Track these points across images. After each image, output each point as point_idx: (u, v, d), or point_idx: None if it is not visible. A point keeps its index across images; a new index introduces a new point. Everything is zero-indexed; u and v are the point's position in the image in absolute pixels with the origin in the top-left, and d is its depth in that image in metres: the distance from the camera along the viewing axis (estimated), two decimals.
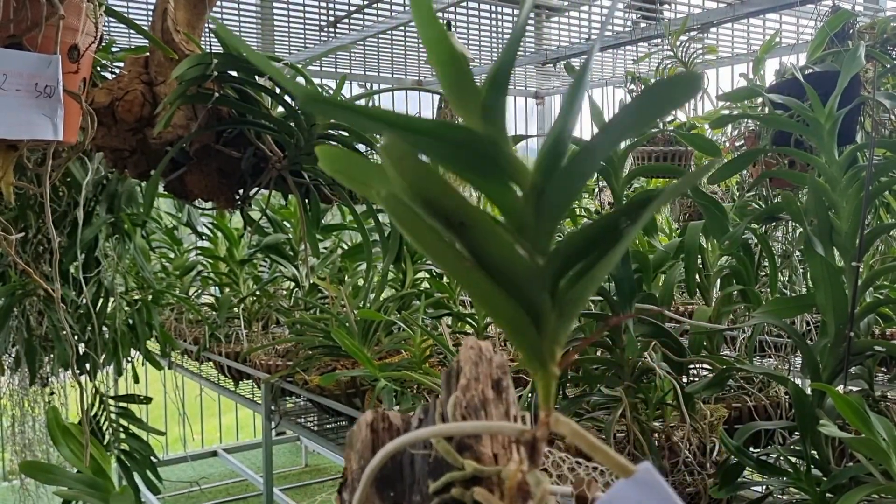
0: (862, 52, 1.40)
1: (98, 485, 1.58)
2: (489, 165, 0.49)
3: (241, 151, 1.45)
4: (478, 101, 0.49)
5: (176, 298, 2.98)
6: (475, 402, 0.59)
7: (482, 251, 0.48)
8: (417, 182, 0.46)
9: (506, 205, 0.50)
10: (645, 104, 0.45)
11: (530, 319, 0.50)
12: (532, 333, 0.50)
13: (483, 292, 0.49)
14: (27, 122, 0.92)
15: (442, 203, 0.47)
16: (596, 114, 1.44)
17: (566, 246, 0.50)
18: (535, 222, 0.49)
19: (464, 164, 0.50)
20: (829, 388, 1.03)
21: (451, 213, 0.47)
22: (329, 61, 4.89)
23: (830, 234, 1.29)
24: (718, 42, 4.06)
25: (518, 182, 0.49)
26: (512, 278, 0.49)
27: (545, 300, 0.49)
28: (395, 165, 0.45)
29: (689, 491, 1.30)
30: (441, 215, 0.47)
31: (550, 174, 0.48)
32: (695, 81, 0.43)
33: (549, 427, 0.50)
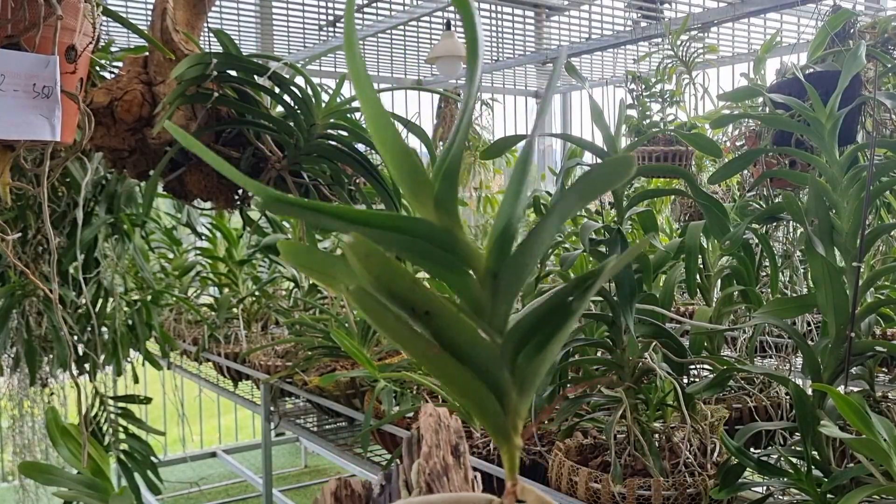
0: (863, 51, 1.39)
1: (97, 485, 1.57)
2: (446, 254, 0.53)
3: (240, 151, 1.45)
4: (431, 194, 0.52)
5: (175, 299, 2.98)
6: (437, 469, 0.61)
7: (446, 336, 0.52)
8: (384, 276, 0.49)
9: (463, 289, 0.54)
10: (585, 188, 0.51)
11: (494, 397, 0.53)
12: (497, 410, 0.53)
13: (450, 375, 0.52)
14: (25, 122, 0.91)
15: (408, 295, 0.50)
16: (596, 114, 1.44)
17: (521, 325, 0.54)
18: (491, 304, 0.53)
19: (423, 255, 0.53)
20: (830, 388, 1.03)
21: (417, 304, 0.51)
22: (328, 61, 4.89)
23: (831, 235, 1.29)
24: (719, 41, 4.06)
25: (473, 268, 0.53)
26: (475, 359, 0.53)
27: (506, 378, 0.53)
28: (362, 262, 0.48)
29: (690, 492, 1.29)
30: (407, 306, 0.51)
31: (502, 259, 0.52)
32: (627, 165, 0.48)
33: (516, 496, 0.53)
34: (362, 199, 1.54)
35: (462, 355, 0.53)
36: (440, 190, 0.52)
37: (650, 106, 2.52)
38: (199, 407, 5.09)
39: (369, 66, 5.01)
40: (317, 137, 1.42)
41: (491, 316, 0.54)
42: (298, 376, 2.29)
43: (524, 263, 0.53)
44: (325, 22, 3.94)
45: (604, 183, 0.50)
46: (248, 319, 3.03)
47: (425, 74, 5.28)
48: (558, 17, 4.19)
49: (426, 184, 0.52)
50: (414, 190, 0.53)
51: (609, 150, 1.42)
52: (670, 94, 2.53)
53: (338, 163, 1.48)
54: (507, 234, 0.53)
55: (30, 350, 1.99)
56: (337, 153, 1.45)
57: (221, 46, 1.38)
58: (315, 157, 1.46)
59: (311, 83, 1.41)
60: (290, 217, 0.46)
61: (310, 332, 2.48)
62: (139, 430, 2.13)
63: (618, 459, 1.36)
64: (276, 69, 1.36)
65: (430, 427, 0.64)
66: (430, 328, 0.52)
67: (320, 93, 1.41)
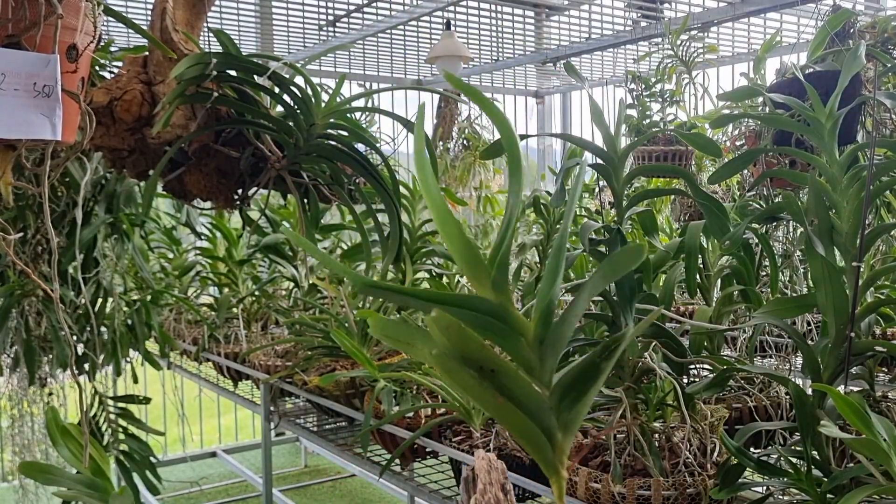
0: (863, 51, 1.39)
1: (97, 485, 1.57)
2: (503, 325, 0.69)
3: (240, 151, 1.45)
4: (489, 278, 0.69)
5: (175, 299, 2.98)
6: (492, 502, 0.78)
7: (507, 389, 0.68)
8: (459, 342, 0.65)
9: (516, 352, 0.70)
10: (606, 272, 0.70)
11: (545, 437, 0.70)
12: (547, 448, 0.70)
13: (510, 419, 0.68)
14: (25, 121, 0.91)
15: (478, 357, 0.66)
16: (596, 114, 1.44)
17: (563, 381, 0.70)
18: (539, 364, 0.70)
19: (484, 326, 0.68)
20: (830, 388, 1.03)
21: (485, 363, 0.66)
22: (328, 60, 4.89)
23: (831, 234, 1.29)
24: (719, 41, 4.06)
25: (524, 335, 0.69)
26: (529, 407, 0.69)
27: (553, 422, 0.70)
28: (443, 332, 0.64)
29: (690, 492, 1.29)
30: (476, 366, 0.66)
31: (546, 329, 0.69)
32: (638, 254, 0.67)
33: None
34: (362, 199, 1.54)
35: (520, 404, 0.68)
36: (495, 276, 0.69)
37: (650, 106, 2.52)
38: (199, 407, 5.09)
39: (369, 65, 5.01)
40: (316, 137, 1.42)
41: (539, 373, 0.70)
42: (298, 376, 2.29)
43: (563, 332, 0.70)
44: (325, 22, 3.93)
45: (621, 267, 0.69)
46: (248, 319, 3.03)
47: (425, 74, 5.28)
48: (558, 17, 4.19)
49: (485, 270, 0.68)
50: (476, 275, 0.69)
51: (609, 149, 1.42)
52: (670, 94, 2.53)
53: (337, 163, 1.48)
54: (549, 310, 0.69)
55: (29, 350, 1.98)
56: (337, 153, 1.45)
57: (221, 46, 1.38)
58: (315, 156, 1.46)
59: (310, 83, 1.41)
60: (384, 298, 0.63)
61: (310, 332, 2.48)
62: (138, 431, 2.12)
63: (618, 459, 1.36)
64: (275, 69, 1.36)
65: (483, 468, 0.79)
66: (494, 383, 0.67)
67: (320, 93, 1.41)
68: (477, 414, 1.75)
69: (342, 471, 4.69)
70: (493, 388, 0.66)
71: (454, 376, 0.66)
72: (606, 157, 1.42)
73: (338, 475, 4.67)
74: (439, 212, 0.68)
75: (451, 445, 1.72)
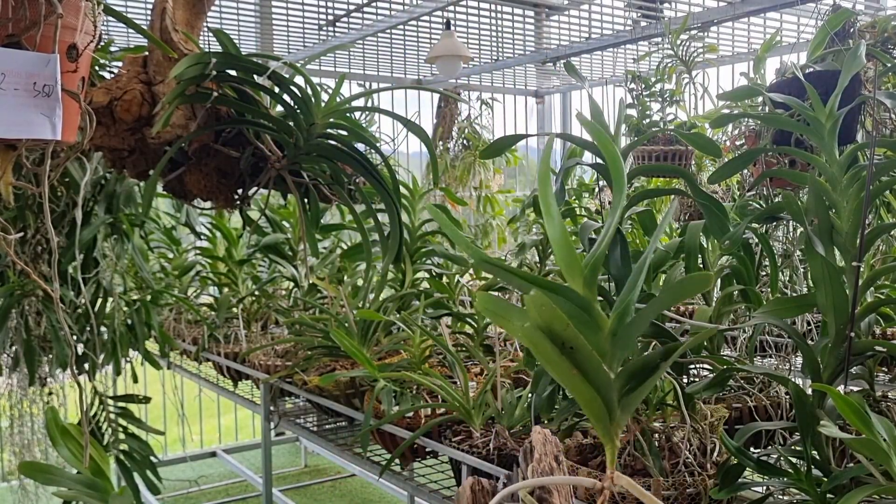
0: (862, 50, 1.39)
1: (97, 485, 1.57)
2: (587, 316, 0.85)
3: (240, 151, 1.45)
4: (581, 276, 0.86)
5: (175, 298, 2.98)
6: (547, 469, 0.90)
7: (581, 364, 0.82)
8: (549, 320, 0.78)
9: (594, 340, 0.84)
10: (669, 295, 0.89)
11: (606, 410, 0.84)
12: (606, 419, 0.85)
13: (580, 390, 0.82)
14: (26, 121, 0.91)
15: (561, 334, 0.79)
16: (596, 114, 1.44)
17: (627, 368, 0.85)
18: (611, 352, 0.85)
19: (570, 313, 0.83)
20: (830, 388, 1.03)
21: (566, 340, 0.80)
22: (328, 60, 4.89)
23: (831, 234, 1.29)
24: (719, 41, 4.06)
25: (602, 327, 0.85)
26: (597, 382, 0.83)
27: (615, 399, 0.84)
28: (537, 309, 0.78)
29: (690, 492, 1.29)
30: (559, 341, 0.80)
31: (620, 325, 0.85)
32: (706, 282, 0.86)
33: (613, 481, 0.83)
34: (362, 199, 1.54)
35: (590, 379, 0.82)
36: (587, 274, 0.86)
37: (650, 105, 2.52)
38: (199, 407, 5.09)
39: (369, 65, 5.01)
40: (316, 137, 1.42)
41: (609, 360, 0.85)
42: (298, 376, 2.29)
43: (633, 331, 0.85)
44: (325, 22, 3.93)
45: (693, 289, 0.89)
46: (247, 319, 3.03)
47: (425, 74, 5.28)
48: (558, 16, 4.19)
49: (579, 269, 0.86)
50: (571, 272, 0.86)
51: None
52: (670, 94, 2.53)
53: (337, 162, 1.48)
54: (626, 311, 0.85)
55: (29, 350, 1.98)
56: (337, 153, 1.45)
57: (221, 46, 1.38)
58: (315, 156, 1.46)
59: (310, 83, 1.41)
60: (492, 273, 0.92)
61: (309, 331, 2.48)
62: (138, 430, 2.12)
63: (617, 459, 1.36)
64: (275, 69, 1.36)
65: (539, 441, 0.91)
66: (571, 357, 0.81)
67: (320, 92, 1.41)
68: (477, 414, 1.75)
69: (342, 471, 4.69)
70: (570, 361, 0.80)
71: (539, 348, 0.79)
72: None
73: (338, 475, 4.67)
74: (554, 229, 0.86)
75: (451, 445, 1.72)
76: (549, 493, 0.87)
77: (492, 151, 1.52)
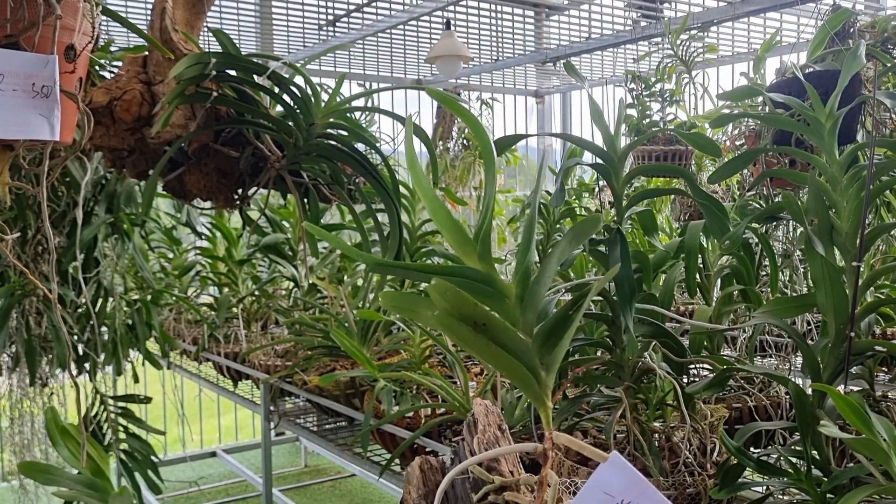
0: (862, 50, 1.39)
1: (97, 485, 1.57)
2: (490, 289, 0.86)
3: (239, 151, 1.44)
4: (475, 250, 0.87)
5: (175, 298, 2.98)
6: (491, 440, 0.92)
7: (497, 338, 0.84)
8: (456, 304, 0.81)
9: (502, 310, 0.87)
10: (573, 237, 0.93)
11: (531, 375, 0.85)
12: (533, 384, 0.86)
13: (503, 362, 0.84)
14: (24, 122, 0.91)
15: (471, 314, 0.82)
16: (596, 113, 1.44)
17: (542, 329, 0.87)
18: (521, 317, 0.87)
19: (474, 290, 0.85)
20: (830, 388, 1.02)
21: (478, 319, 0.82)
22: (328, 60, 4.89)
23: (831, 234, 1.28)
24: (719, 41, 4.06)
25: (507, 296, 0.87)
26: (517, 352, 0.85)
27: (536, 362, 0.86)
28: (442, 296, 0.80)
29: (690, 492, 1.29)
30: (471, 321, 0.82)
31: (525, 289, 0.87)
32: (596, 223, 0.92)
33: (553, 441, 0.84)
34: (362, 199, 1.54)
35: (509, 350, 0.84)
36: (480, 249, 0.87)
37: (650, 105, 2.52)
38: (199, 407, 5.09)
39: (369, 65, 5.01)
40: (316, 137, 1.42)
41: (522, 325, 0.86)
42: (298, 376, 2.29)
43: (538, 290, 0.87)
44: (325, 22, 3.93)
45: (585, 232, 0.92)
46: (247, 319, 3.03)
47: (425, 74, 5.28)
48: (558, 16, 4.19)
49: (471, 245, 0.87)
50: (464, 250, 0.87)
51: (609, 149, 1.42)
52: (670, 94, 2.53)
53: (337, 162, 1.48)
54: (526, 274, 0.87)
55: (29, 350, 1.98)
56: (336, 153, 1.45)
57: (220, 46, 1.38)
58: (314, 156, 1.46)
59: (310, 83, 1.41)
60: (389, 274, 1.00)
61: (309, 331, 2.48)
62: (139, 430, 2.12)
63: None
64: (275, 69, 1.36)
65: (481, 412, 0.92)
66: (486, 334, 0.83)
67: (320, 92, 1.41)
68: None
69: (342, 471, 4.69)
70: (487, 338, 0.82)
71: (453, 331, 0.81)
72: (606, 157, 1.41)
73: (338, 475, 4.67)
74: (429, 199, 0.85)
75: (451, 445, 1.72)
76: (496, 462, 0.90)
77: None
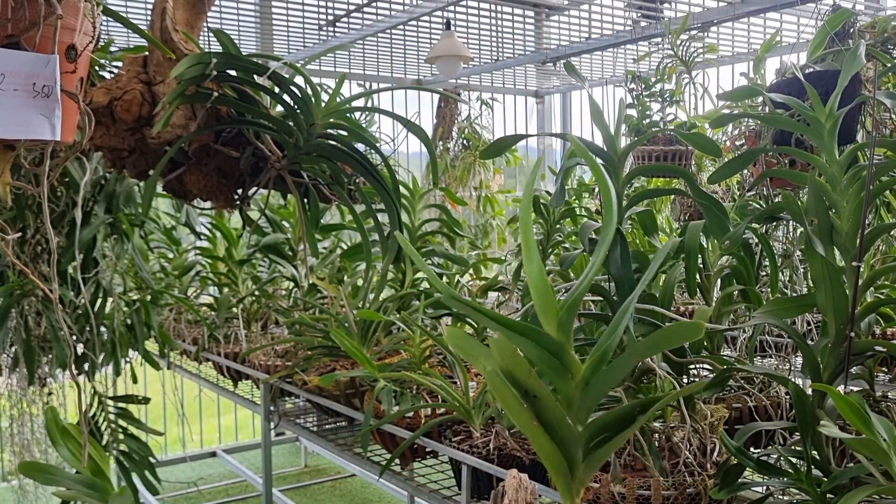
0: (862, 51, 1.39)
1: (97, 485, 1.57)
2: (558, 362, 0.80)
3: (240, 151, 1.44)
4: (556, 318, 0.80)
5: (174, 299, 2.98)
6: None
7: (543, 415, 0.78)
8: (511, 365, 0.77)
9: (563, 387, 0.80)
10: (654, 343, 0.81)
11: (567, 466, 0.79)
12: (567, 476, 0.80)
13: (540, 441, 0.78)
14: (25, 121, 0.91)
15: (524, 381, 0.77)
16: (596, 114, 1.44)
17: (597, 421, 0.80)
18: (580, 401, 0.79)
19: (540, 359, 0.79)
20: (830, 388, 1.02)
21: (529, 388, 0.78)
22: (328, 60, 4.88)
23: (831, 234, 1.28)
24: (719, 41, 4.06)
25: (573, 374, 0.80)
26: (560, 436, 0.79)
27: (579, 455, 0.79)
28: (499, 353, 0.76)
29: (690, 492, 1.29)
30: (521, 389, 0.78)
31: (595, 373, 0.79)
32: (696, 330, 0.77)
33: None
34: (362, 199, 1.54)
35: (551, 431, 0.79)
36: (563, 317, 0.80)
37: (650, 105, 2.52)
38: (199, 407, 5.08)
39: (369, 65, 5.01)
40: (316, 137, 1.42)
41: (578, 410, 0.79)
42: (298, 376, 2.29)
43: (608, 380, 0.80)
44: (325, 22, 3.93)
45: (678, 339, 0.81)
46: (247, 319, 3.03)
47: (425, 74, 5.28)
48: (558, 16, 4.19)
49: (555, 309, 0.80)
50: (545, 313, 0.80)
51: (609, 149, 1.42)
52: (670, 94, 2.53)
53: (337, 162, 1.48)
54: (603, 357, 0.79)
55: (29, 350, 1.98)
56: (337, 153, 1.45)
57: (221, 46, 1.38)
58: (315, 156, 1.46)
59: (310, 83, 1.41)
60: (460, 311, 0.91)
61: (309, 331, 2.48)
62: (138, 431, 2.12)
63: (617, 459, 1.36)
64: (275, 69, 1.36)
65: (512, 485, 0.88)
66: (534, 407, 0.78)
67: (320, 93, 1.41)
68: (477, 414, 1.75)
69: (342, 471, 4.69)
70: (532, 411, 0.78)
71: (500, 393, 0.78)
72: (606, 157, 1.42)
73: (338, 475, 4.66)
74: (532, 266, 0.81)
75: (451, 445, 1.72)
76: None
77: (492, 152, 1.52)
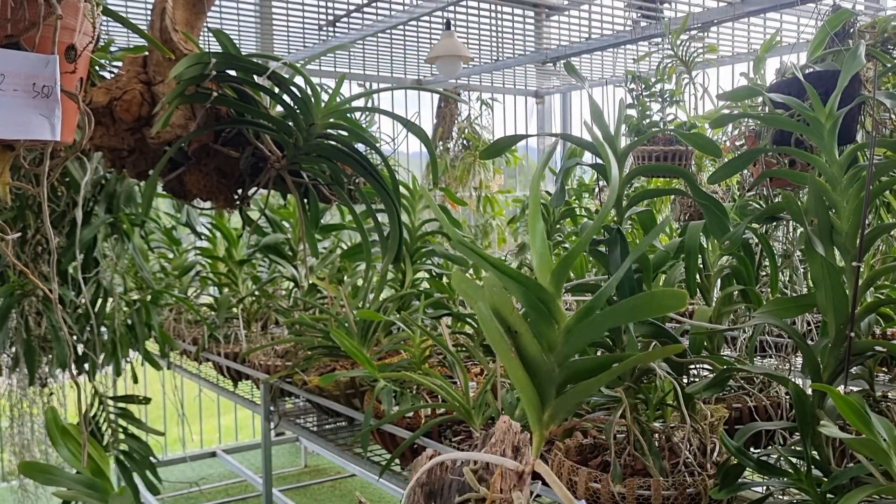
0: (862, 51, 1.39)
1: (97, 485, 1.57)
2: (546, 309, 0.88)
3: (239, 151, 1.44)
4: (550, 271, 0.90)
5: (175, 299, 2.98)
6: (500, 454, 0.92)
7: (523, 350, 0.87)
8: (499, 303, 0.86)
9: (547, 333, 0.89)
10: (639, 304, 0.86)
11: (539, 399, 0.87)
12: (538, 408, 0.88)
13: (516, 372, 0.87)
14: (25, 122, 0.91)
15: (507, 317, 0.86)
16: (596, 114, 1.44)
17: (574, 364, 0.88)
18: (561, 348, 0.88)
19: (531, 304, 0.88)
20: (830, 388, 1.02)
21: (511, 324, 0.86)
22: (328, 60, 4.89)
23: (831, 234, 1.28)
24: (719, 41, 4.06)
25: (558, 322, 0.88)
26: (535, 370, 0.87)
27: (552, 391, 0.88)
28: (489, 290, 0.85)
29: (690, 492, 1.29)
30: (505, 324, 0.86)
31: (579, 323, 0.88)
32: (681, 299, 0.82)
33: (533, 468, 0.89)
34: (361, 199, 1.54)
35: (528, 366, 0.87)
36: (556, 270, 0.91)
37: (650, 106, 2.52)
38: (199, 407, 5.09)
39: (369, 65, 5.01)
40: (316, 137, 1.42)
41: (558, 354, 0.88)
42: (298, 376, 2.29)
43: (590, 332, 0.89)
44: (325, 22, 3.93)
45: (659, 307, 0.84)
46: (247, 319, 3.03)
47: (425, 74, 5.28)
48: (558, 17, 4.19)
49: (550, 266, 0.91)
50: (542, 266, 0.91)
51: (609, 149, 1.42)
52: (670, 94, 2.53)
53: (337, 162, 1.48)
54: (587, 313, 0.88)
55: (29, 350, 1.98)
56: (336, 153, 1.45)
57: (221, 46, 1.38)
58: (314, 156, 1.46)
59: (310, 83, 1.41)
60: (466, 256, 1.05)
61: (309, 331, 2.48)
62: (138, 431, 2.12)
63: (617, 459, 1.36)
64: (275, 69, 1.36)
65: (501, 428, 0.93)
66: (514, 341, 0.87)
67: (320, 93, 1.41)
68: (477, 414, 1.75)
69: (342, 471, 4.69)
70: (512, 343, 0.86)
71: (486, 326, 0.87)
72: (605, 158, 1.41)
73: (338, 475, 4.66)
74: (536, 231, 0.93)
75: (451, 445, 1.72)
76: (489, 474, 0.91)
77: (492, 152, 1.52)
